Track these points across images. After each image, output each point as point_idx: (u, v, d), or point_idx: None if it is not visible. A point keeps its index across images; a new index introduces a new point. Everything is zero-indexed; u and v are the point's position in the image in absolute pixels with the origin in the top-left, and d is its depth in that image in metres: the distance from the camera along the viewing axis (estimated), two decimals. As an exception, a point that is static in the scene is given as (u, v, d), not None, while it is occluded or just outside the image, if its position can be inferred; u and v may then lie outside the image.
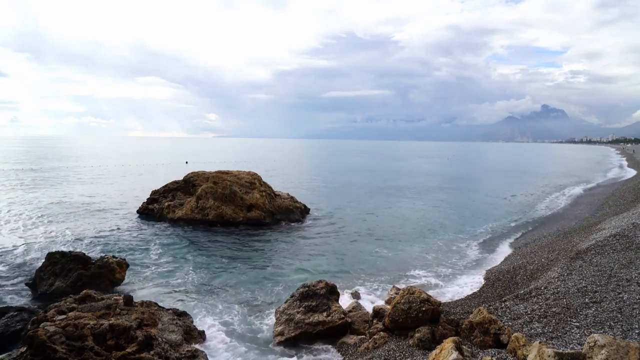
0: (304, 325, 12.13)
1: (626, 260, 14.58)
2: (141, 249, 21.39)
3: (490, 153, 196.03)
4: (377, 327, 11.84)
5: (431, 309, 11.05)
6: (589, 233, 21.54)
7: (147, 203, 30.70)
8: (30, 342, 8.99)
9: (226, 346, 11.84)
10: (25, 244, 21.61)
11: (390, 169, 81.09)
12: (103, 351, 9.32)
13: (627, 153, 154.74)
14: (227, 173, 30.94)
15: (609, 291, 11.74)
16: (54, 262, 16.16)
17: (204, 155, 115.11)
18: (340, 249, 21.99)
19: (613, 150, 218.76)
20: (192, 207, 27.62)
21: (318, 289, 13.14)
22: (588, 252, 16.50)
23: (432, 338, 10.35)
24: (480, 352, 9.28)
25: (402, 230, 26.55)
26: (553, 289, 12.67)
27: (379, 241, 23.80)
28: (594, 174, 69.86)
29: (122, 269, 16.56)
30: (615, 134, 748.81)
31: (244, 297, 15.29)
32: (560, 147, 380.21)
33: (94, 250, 20.73)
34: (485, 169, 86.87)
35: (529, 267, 17.00)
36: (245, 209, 27.92)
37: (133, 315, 10.97)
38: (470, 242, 23.68)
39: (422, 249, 22.13)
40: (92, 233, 24.23)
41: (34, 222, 26.60)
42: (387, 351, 10.31)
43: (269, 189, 30.68)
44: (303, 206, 31.19)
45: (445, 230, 26.73)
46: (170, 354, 9.99)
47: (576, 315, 10.53)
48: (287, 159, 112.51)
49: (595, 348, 6.66)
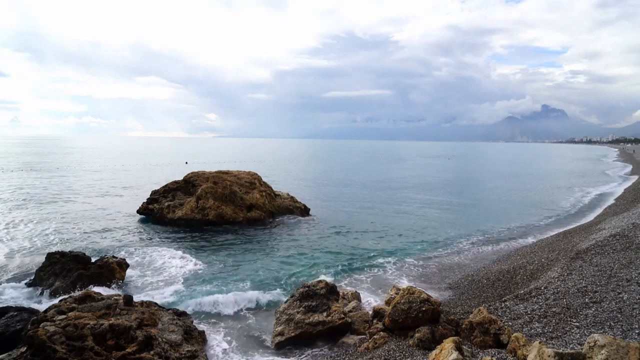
0: (304, 325, 12.13)
1: (626, 260, 14.58)
2: (141, 249, 21.37)
3: (490, 153, 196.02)
4: (377, 327, 11.84)
5: (431, 309, 11.06)
6: (589, 233, 21.55)
7: (147, 203, 30.69)
8: (30, 342, 8.99)
9: (226, 346, 11.84)
10: (25, 244, 21.61)
11: (391, 169, 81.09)
12: (103, 351, 9.32)
13: (627, 153, 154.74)
14: (227, 173, 30.95)
15: (609, 291, 11.74)
16: (54, 262, 16.17)
17: (204, 155, 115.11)
18: (340, 249, 21.98)
19: (613, 150, 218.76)
20: (192, 207, 27.62)
21: (318, 289, 13.14)
22: (588, 252, 16.51)
23: (432, 338, 10.36)
24: (480, 352, 9.28)
25: (402, 230, 26.54)
26: (553, 289, 12.67)
27: (379, 241, 23.80)
28: (594, 174, 69.88)
29: (122, 269, 16.57)
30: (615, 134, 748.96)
31: (244, 297, 15.26)
32: (560, 147, 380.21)
33: (94, 250, 20.72)
34: (485, 170, 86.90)
35: (529, 267, 17.00)
36: (245, 209, 27.92)
37: (133, 315, 10.97)
38: (470, 242, 23.68)
39: (422, 249, 22.13)
40: (92, 233, 24.23)
41: (34, 222, 26.59)
42: (387, 351, 10.31)
43: (269, 189, 30.69)
44: (303, 206, 31.19)
45: (446, 229, 26.72)
46: (170, 354, 9.99)
47: (576, 315, 10.53)
48: (287, 159, 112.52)
49: (595, 348, 6.66)
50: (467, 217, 31.38)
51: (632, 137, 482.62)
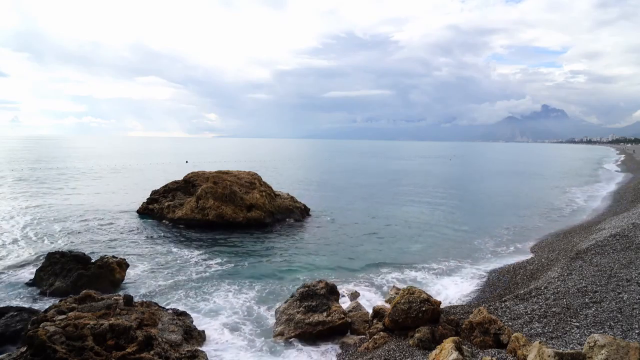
0: (304, 325, 12.13)
1: (626, 260, 14.59)
2: (141, 249, 21.38)
3: (490, 153, 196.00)
4: (377, 327, 11.84)
5: (431, 309, 11.05)
6: (589, 233, 21.56)
7: (147, 203, 30.70)
8: (30, 342, 8.99)
9: (226, 346, 11.83)
10: (26, 244, 21.61)
11: (391, 169, 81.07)
12: (103, 351, 9.31)
13: (627, 153, 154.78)
14: (227, 173, 30.94)
15: (609, 291, 11.74)
16: (54, 262, 16.17)
17: (204, 155, 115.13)
18: (340, 249, 21.98)
19: (613, 150, 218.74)
20: (192, 207, 27.62)
21: (318, 289, 13.14)
22: (588, 252, 16.51)
23: (432, 338, 10.35)
24: (480, 352, 9.28)
25: (402, 230, 26.54)
26: (553, 289, 12.67)
27: (379, 241, 23.80)
28: (594, 174, 69.87)
29: (122, 269, 16.56)
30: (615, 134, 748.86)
31: (244, 297, 15.28)
32: (560, 147, 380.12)
33: (94, 250, 20.72)
34: (485, 170, 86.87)
35: (529, 267, 17.01)
36: (245, 209, 27.91)
37: (133, 315, 10.97)
38: (470, 242, 23.65)
39: (422, 249, 22.12)
40: (92, 233, 24.23)
41: (34, 222, 26.59)
42: (387, 351, 10.31)
43: (269, 189, 30.68)
44: (303, 206, 31.18)
45: (446, 230, 26.71)
46: (170, 354, 9.98)
47: (576, 315, 10.53)
48: (287, 159, 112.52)
49: (595, 348, 6.66)
50: (467, 217, 31.35)
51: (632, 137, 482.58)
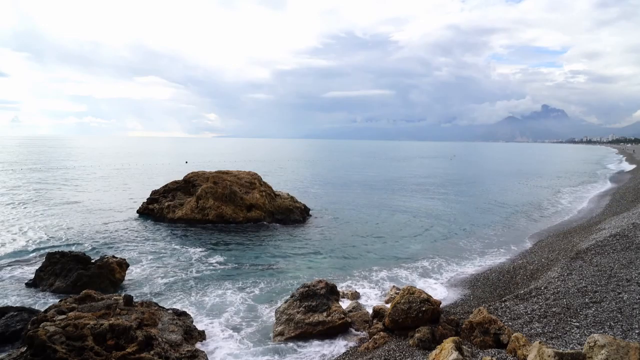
0: (304, 325, 12.13)
1: (626, 260, 14.58)
2: (141, 249, 21.38)
3: (490, 153, 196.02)
4: (377, 327, 11.84)
5: (431, 309, 11.05)
6: (589, 233, 21.55)
7: (147, 203, 30.69)
8: (30, 342, 8.99)
9: (226, 346, 11.83)
10: (26, 244, 21.61)
11: (391, 169, 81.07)
12: (103, 351, 9.31)
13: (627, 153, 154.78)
14: (227, 173, 30.94)
15: (609, 291, 11.74)
16: (54, 262, 16.17)
17: (204, 155, 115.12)
18: (340, 249, 21.98)
19: (613, 150, 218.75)
20: (192, 207, 27.62)
21: (318, 289, 13.13)
22: (588, 252, 16.51)
23: (432, 338, 10.35)
24: (480, 352, 9.28)
25: (402, 230, 26.54)
26: (553, 289, 12.67)
27: (379, 241, 23.80)
28: (594, 174, 69.86)
29: (122, 269, 16.57)
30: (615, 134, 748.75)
31: (244, 297, 15.28)
32: (560, 147, 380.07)
33: (94, 250, 20.73)
34: (485, 170, 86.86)
35: (529, 267, 17.01)
36: (245, 209, 27.92)
37: (133, 315, 10.97)
38: (470, 242, 23.68)
39: (422, 249, 22.12)
40: (92, 233, 24.23)
41: (34, 222, 26.59)
42: (387, 351, 10.31)
43: (269, 189, 30.68)
44: (303, 206, 31.18)
45: (445, 230, 26.72)
46: (170, 354, 9.98)
47: (576, 315, 10.53)
48: (287, 158, 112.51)
49: (595, 348, 6.66)
50: (468, 217, 31.37)
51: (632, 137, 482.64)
